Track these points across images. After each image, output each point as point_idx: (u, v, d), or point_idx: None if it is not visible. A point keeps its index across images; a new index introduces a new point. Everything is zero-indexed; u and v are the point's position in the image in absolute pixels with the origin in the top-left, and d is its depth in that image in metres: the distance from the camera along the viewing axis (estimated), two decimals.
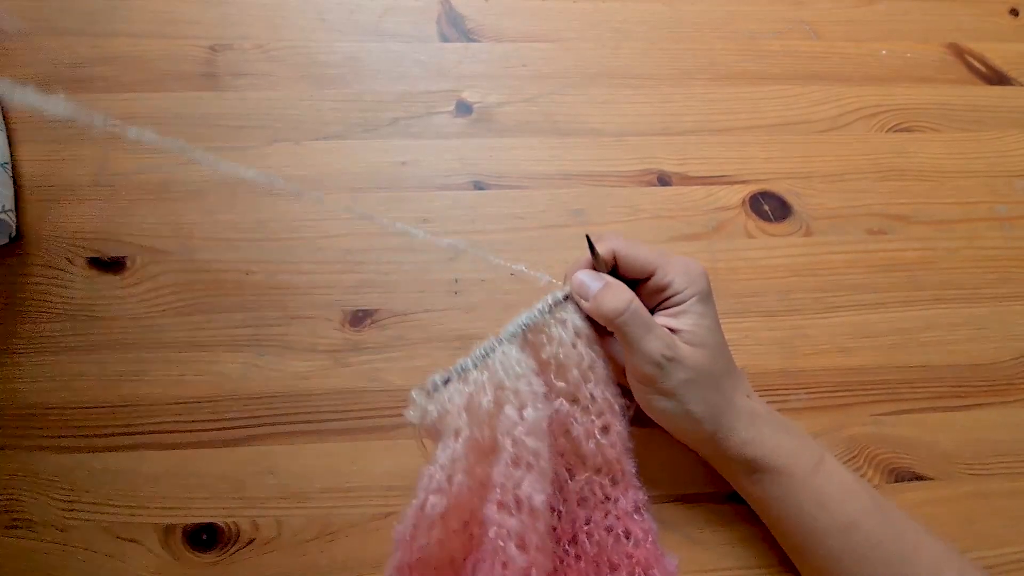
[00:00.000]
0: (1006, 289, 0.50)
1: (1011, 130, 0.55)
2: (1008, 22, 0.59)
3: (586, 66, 0.54)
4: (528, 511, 0.33)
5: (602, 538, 0.37)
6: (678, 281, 0.37)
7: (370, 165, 0.50)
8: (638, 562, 0.36)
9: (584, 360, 0.37)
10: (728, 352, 0.39)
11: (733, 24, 0.57)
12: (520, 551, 0.33)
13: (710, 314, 0.38)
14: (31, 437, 0.41)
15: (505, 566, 0.33)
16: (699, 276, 0.38)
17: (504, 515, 0.33)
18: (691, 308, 0.37)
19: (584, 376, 0.37)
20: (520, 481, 0.33)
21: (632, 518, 0.37)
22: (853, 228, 0.50)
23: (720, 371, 0.38)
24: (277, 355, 0.44)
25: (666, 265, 0.38)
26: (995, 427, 0.45)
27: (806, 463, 0.37)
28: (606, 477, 0.38)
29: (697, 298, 0.37)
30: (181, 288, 0.45)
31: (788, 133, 0.53)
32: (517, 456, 0.34)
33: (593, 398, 0.37)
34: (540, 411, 0.34)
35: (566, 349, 0.37)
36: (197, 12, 0.53)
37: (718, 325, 0.38)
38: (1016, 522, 0.43)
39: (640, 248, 0.39)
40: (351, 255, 0.47)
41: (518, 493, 0.33)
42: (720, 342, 0.38)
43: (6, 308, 0.44)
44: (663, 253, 0.39)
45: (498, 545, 0.33)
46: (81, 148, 0.48)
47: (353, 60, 0.53)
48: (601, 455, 0.37)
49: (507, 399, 0.35)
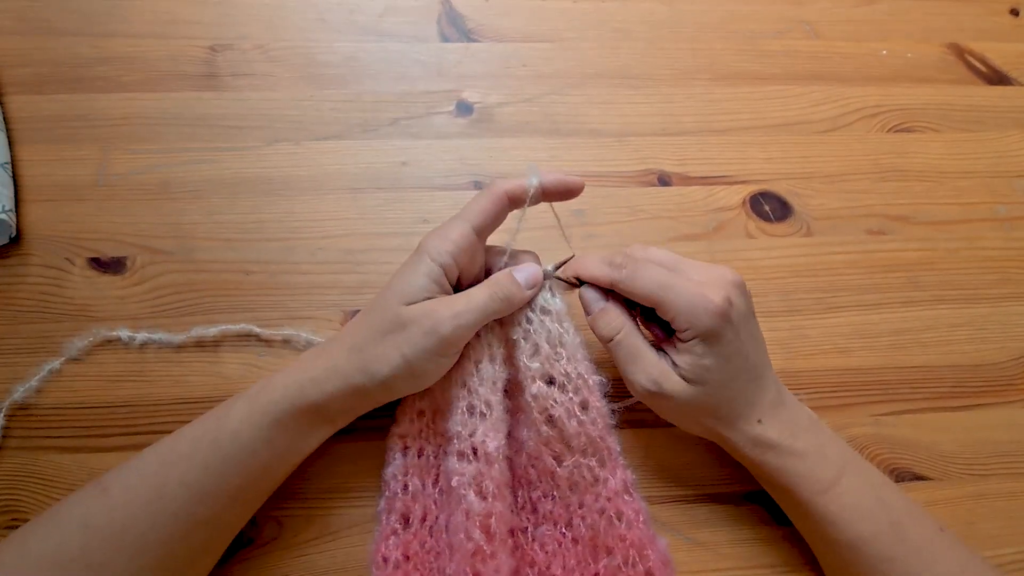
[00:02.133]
0: (1006, 289, 0.50)
1: (1011, 130, 0.55)
2: (1008, 22, 0.59)
3: (586, 66, 0.54)
4: (484, 457, 0.36)
5: (595, 521, 0.38)
6: (680, 320, 0.36)
7: (370, 165, 0.50)
8: (631, 544, 0.37)
9: (552, 335, 0.38)
10: (741, 380, 0.37)
11: (733, 24, 0.57)
12: (478, 498, 0.35)
13: (714, 353, 0.36)
14: (31, 437, 0.41)
15: (467, 515, 0.35)
16: (704, 314, 0.35)
17: (463, 463, 0.36)
18: (691, 348, 0.36)
19: (555, 352, 0.38)
20: (474, 429, 0.36)
21: (622, 498, 0.38)
22: (853, 228, 0.50)
23: (718, 401, 0.37)
24: (277, 355, 0.44)
25: (670, 302, 0.36)
26: (995, 427, 0.45)
27: (814, 485, 0.37)
28: (592, 458, 0.38)
29: (698, 340, 0.36)
30: (181, 288, 0.45)
31: (788, 133, 0.53)
32: (471, 404, 0.37)
33: (567, 375, 0.38)
34: (496, 370, 0.38)
35: (534, 325, 0.38)
36: (197, 12, 0.53)
37: (728, 359, 0.36)
38: (1016, 522, 0.43)
39: (642, 281, 0.36)
40: (351, 255, 0.47)
41: (473, 441, 0.36)
42: (724, 378, 0.36)
43: (6, 308, 0.44)
44: (669, 285, 0.36)
45: (460, 494, 0.35)
46: (81, 148, 0.48)
47: (353, 60, 0.53)
48: (584, 434, 0.37)
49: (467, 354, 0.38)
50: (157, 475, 0.34)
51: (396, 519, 0.38)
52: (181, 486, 0.34)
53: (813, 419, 0.39)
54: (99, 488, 0.34)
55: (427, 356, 0.35)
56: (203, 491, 0.34)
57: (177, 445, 0.35)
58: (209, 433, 0.35)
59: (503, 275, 0.38)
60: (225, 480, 0.35)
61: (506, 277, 0.38)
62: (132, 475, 0.35)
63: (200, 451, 0.35)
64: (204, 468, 0.34)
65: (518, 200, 0.38)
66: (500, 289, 0.37)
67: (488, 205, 0.37)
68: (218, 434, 0.35)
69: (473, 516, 0.35)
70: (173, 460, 0.35)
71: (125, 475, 0.35)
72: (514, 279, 0.37)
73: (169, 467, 0.34)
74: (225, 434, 0.35)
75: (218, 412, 0.36)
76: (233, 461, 0.35)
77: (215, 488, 0.34)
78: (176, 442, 0.36)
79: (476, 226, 0.37)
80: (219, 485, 0.34)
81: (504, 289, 0.37)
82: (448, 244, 0.36)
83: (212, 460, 0.34)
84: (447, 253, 0.36)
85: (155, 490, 0.34)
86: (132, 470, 0.35)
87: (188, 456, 0.35)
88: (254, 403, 0.36)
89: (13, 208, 0.45)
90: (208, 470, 0.34)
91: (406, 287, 0.36)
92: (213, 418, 0.36)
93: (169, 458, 0.35)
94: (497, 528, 0.35)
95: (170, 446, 0.36)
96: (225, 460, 0.34)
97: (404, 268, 0.37)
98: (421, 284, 0.36)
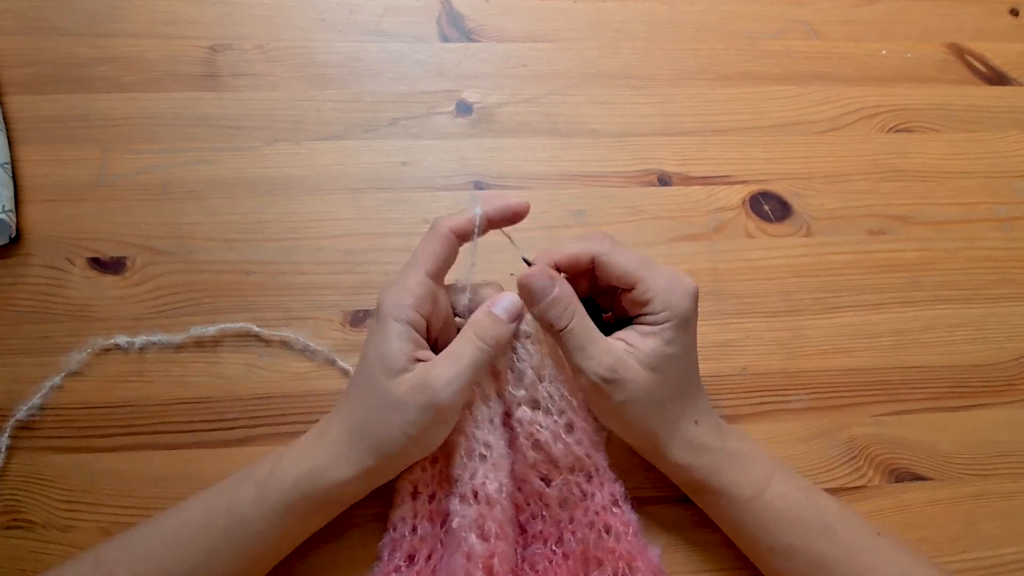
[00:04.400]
0: (1006, 290, 0.50)
1: (1011, 130, 0.55)
2: (1008, 22, 0.59)
3: (586, 66, 0.54)
4: (484, 500, 0.35)
5: (585, 535, 0.37)
6: (657, 302, 0.35)
7: (370, 165, 0.50)
8: (621, 556, 0.36)
9: (534, 358, 0.38)
10: (689, 376, 0.37)
11: (733, 24, 0.57)
12: (480, 540, 0.35)
13: (680, 341, 0.36)
14: (31, 437, 0.41)
15: (468, 557, 0.35)
16: (683, 297, 0.35)
17: (464, 506, 0.36)
18: (660, 333, 0.35)
19: (538, 375, 0.37)
20: (475, 472, 0.36)
21: (611, 512, 0.38)
22: (853, 228, 0.50)
23: (667, 395, 0.36)
24: (277, 355, 0.44)
25: (650, 279, 0.35)
26: (995, 427, 0.45)
27: (746, 490, 0.37)
28: (580, 474, 0.38)
29: (672, 324, 0.35)
30: (181, 288, 0.45)
31: (788, 133, 0.53)
32: (470, 448, 0.36)
33: (551, 397, 0.37)
34: (491, 408, 0.37)
35: (519, 353, 0.38)
36: (197, 12, 0.53)
37: (687, 351, 0.36)
38: (1016, 522, 0.43)
39: (622, 257, 0.36)
40: (351, 255, 0.47)
41: (474, 483, 0.36)
42: (680, 370, 0.36)
43: (6, 308, 0.44)
44: (649, 264, 0.36)
45: (461, 536, 0.35)
46: (81, 148, 0.48)
47: (353, 60, 0.53)
48: (571, 454, 0.37)
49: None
50: (165, 560, 0.34)
51: (401, 557, 0.38)
52: (191, 572, 0.34)
53: (734, 426, 0.40)
54: (102, 571, 0.33)
55: (431, 429, 0.34)
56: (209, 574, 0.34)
57: (184, 528, 0.35)
58: (218, 519, 0.34)
59: (482, 315, 0.36)
60: (234, 563, 0.34)
61: (487, 318, 0.36)
62: (136, 560, 0.34)
63: (208, 537, 0.34)
64: (213, 553, 0.34)
65: (465, 235, 0.37)
66: (486, 335, 0.35)
67: (437, 247, 0.36)
68: (228, 522, 0.34)
69: (475, 558, 0.34)
70: (182, 544, 0.34)
71: (128, 559, 0.34)
72: (496, 316, 0.36)
73: (178, 551, 0.34)
74: (235, 522, 0.34)
75: (225, 492, 0.36)
76: (242, 546, 0.34)
77: (224, 571, 0.34)
78: (183, 524, 0.35)
79: (430, 271, 0.36)
80: (228, 568, 0.34)
81: (490, 333, 0.35)
82: (407, 297, 0.35)
83: (221, 545, 0.34)
84: (408, 308, 0.35)
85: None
86: (135, 553, 0.34)
87: (195, 542, 0.34)
88: (264, 490, 0.35)
89: (13, 208, 0.45)
90: (217, 555, 0.34)
91: (385, 359, 0.34)
92: (221, 500, 0.35)
93: (177, 541, 0.34)
94: (500, 568, 0.35)
95: (176, 528, 0.35)
96: (234, 545, 0.34)
97: (374, 334, 0.35)
98: (398, 350, 0.34)
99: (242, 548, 0.34)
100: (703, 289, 0.47)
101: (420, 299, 0.35)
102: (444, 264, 0.37)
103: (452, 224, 0.36)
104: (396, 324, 0.34)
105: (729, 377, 0.46)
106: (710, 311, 0.47)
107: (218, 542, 0.34)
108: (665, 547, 0.40)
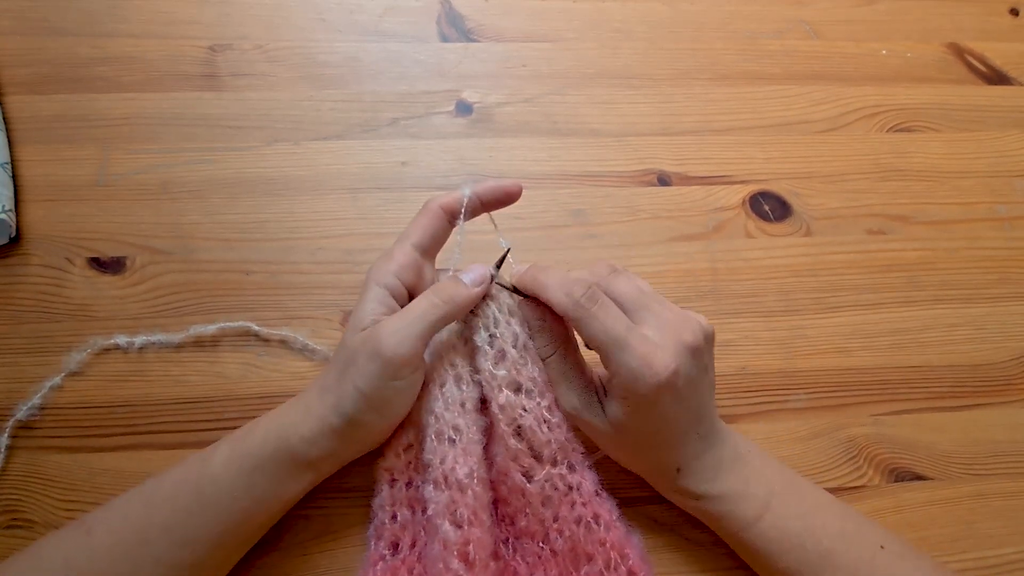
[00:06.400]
0: (1005, 289, 0.50)
1: (1011, 130, 0.55)
2: (1008, 22, 0.59)
3: (586, 66, 0.54)
4: (456, 485, 0.35)
5: (573, 532, 0.36)
6: (617, 383, 0.34)
7: (370, 165, 0.50)
8: (612, 546, 0.36)
9: (518, 338, 0.37)
10: (661, 433, 0.35)
11: (733, 24, 0.57)
12: (454, 527, 0.34)
13: (643, 417, 0.34)
14: (31, 437, 0.41)
15: (444, 545, 0.34)
16: (644, 385, 0.33)
17: (438, 492, 0.35)
18: (622, 405, 0.34)
19: (521, 356, 0.37)
20: (444, 456, 0.35)
21: (596, 500, 0.37)
22: (853, 228, 0.50)
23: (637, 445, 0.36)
24: (276, 355, 0.44)
25: (618, 361, 0.33)
26: (995, 427, 0.45)
27: (737, 523, 0.36)
28: (564, 466, 0.37)
29: (631, 407, 0.34)
30: (181, 288, 0.45)
31: (788, 133, 0.53)
32: (439, 431, 0.36)
33: (534, 379, 0.37)
34: (464, 391, 0.37)
35: (500, 328, 0.37)
36: (197, 12, 0.53)
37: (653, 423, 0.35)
38: (1016, 522, 0.43)
39: (595, 328, 0.34)
40: (350, 255, 0.47)
41: (444, 468, 0.35)
42: (650, 429, 0.35)
43: (6, 308, 0.44)
44: (621, 344, 0.33)
45: (436, 523, 0.35)
46: (81, 148, 0.48)
47: (353, 60, 0.53)
48: (554, 439, 0.36)
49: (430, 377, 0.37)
50: (140, 518, 0.34)
51: (385, 546, 0.38)
52: (163, 531, 0.33)
53: (739, 452, 0.37)
54: (82, 529, 0.34)
55: (378, 383, 0.34)
56: (185, 536, 0.33)
57: (161, 487, 0.35)
58: (191, 477, 0.35)
59: (444, 278, 0.37)
60: (207, 525, 0.34)
61: (448, 279, 0.37)
62: (116, 517, 0.34)
63: (182, 495, 0.34)
64: (186, 513, 0.34)
65: (454, 213, 0.38)
66: (441, 292, 0.35)
67: (425, 221, 0.37)
68: (200, 479, 0.34)
69: (451, 546, 0.34)
70: (156, 503, 0.34)
71: (109, 517, 0.34)
72: (456, 278, 0.37)
73: (152, 510, 0.34)
74: (206, 479, 0.34)
75: (203, 454, 0.36)
76: (214, 506, 0.34)
77: (197, 533, 0.34)
78: (160, 484, 0.35)
79: (416, 243, 0.37)
80: (201, 530, 0.34)
81: (446, 291, 0.35)
82: (390, 264, 0.36)
83: (193, 505, 0.34)
84: (389, 273, 0.36)
85: (138, 534, 0.33)
86: (116, 512, 0.34)
87: (171, 499, 0.34)
88: (235, 448, 0.35)
89: (13, 208, 0.45)
90: (190, 515, 0.34)
91: (356, 319, 0.35)
92: (197, 460, 0.35)
93: (153, 500, 0.34)
94: (477, 554, 0.34)
95: (154, 488, 0.35)
96: (206, 505, 0.34)
97: (358, 300, 0.37)
98: (368, 310, 0.35)
99: (213, 510, 0.34)
100: (703, 289, 0.48)
101: (402, 267, 0.36)
102: (431, 238, 0.38)
103: (442, 202, 0.38)
104: (375, 288, 0.36)
105: (728, 377, 0.45)
106: (709, 311, 0.47)
107: (191, 502, 0.34)
108: (662, 547, 0.40)
